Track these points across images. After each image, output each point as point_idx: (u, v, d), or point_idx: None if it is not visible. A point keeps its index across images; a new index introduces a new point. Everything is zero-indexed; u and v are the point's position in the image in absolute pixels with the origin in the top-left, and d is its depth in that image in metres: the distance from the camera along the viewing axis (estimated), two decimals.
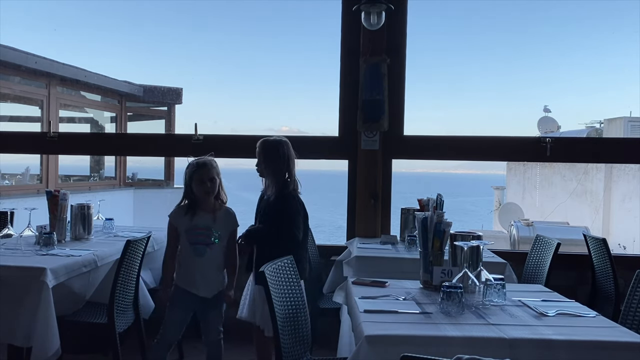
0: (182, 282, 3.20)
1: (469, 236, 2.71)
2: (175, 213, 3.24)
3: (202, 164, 3.21)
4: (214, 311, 3.26)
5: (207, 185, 3.18)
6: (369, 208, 4.48)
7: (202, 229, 3.18)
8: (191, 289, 3.18)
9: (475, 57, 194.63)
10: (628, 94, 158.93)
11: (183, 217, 3.20)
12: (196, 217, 3.19)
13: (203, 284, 3.18)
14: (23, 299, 2.97)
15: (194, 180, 3.18)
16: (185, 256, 3.20)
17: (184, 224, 3.19)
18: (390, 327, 2.11)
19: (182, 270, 3.21)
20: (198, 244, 3.18)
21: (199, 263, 3.17)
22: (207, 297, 3.20)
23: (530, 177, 14.03)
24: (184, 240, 3.19)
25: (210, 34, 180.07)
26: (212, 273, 3.21)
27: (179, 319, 3.21)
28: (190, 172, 3.21)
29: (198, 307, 3.24)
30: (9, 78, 7.85)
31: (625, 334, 2.12)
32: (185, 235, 3.18)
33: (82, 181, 9.94)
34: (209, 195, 3.20)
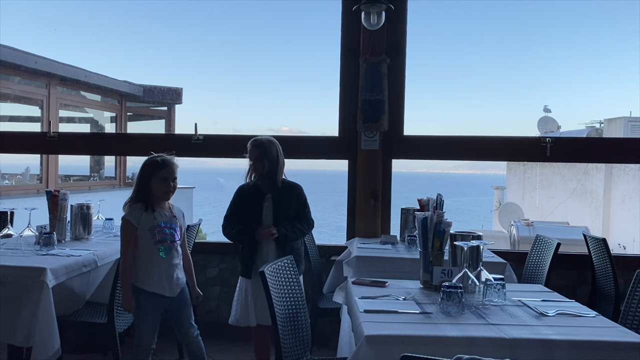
0: (148, 285, 3.01)
1: (469, 236, 2.71)
2: (134, 212, 3.02)
3: (168, 162, 3.06)
4: (185, 309, 3.14)
5: (170, 185, 3.03)
6: (369, 208, 4.48)
7: (167, 227, 3.05)
8: (158, 291, 3.02)
9: (476, 57, 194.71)
10: (628, 94, 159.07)
11: (143, 215, 3.01)
12: (158, 215, 3.03)
13: (168, 283, 3.04)
14: (23, 299, 2.97)
15: (156, 178, 3.01)
16: (148, 257, 3.01)
17: (146, 222, 3.01)
18: (390, 327, 2.11)
19: (146, 272, 3.02)
20: (163, 242, 3.02)
21: (164, 262, 3.03)
22: (172, 296, 3.05)
23: (530, 177, 14.03)
24: (146, 241, 3.00)
25: (210, 34, 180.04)
26: (176, 271, 3.07)
27: (152, 324, 3.06)
28: (152, 169, 3.03)
29: (166, 308, 3.09)
30: (9, 78, 7.85)
31: (625, 334, 2.12)
32: (149, 234, 3.00)
33: (82, 181, 9.95)
34: (169, 196, 3.07)
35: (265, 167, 3.40)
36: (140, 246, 3.02)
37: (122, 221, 3.04)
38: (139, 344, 3.05)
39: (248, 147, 3.46)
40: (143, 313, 3.04)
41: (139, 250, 3.02)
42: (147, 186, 3.03)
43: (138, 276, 3.02)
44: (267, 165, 3.40)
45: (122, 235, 3.04)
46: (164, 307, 3.07)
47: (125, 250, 3.03)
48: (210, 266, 4.65)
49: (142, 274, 3.02)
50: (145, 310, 3.03)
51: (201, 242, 4.95)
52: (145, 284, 3.02)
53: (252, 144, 3.45)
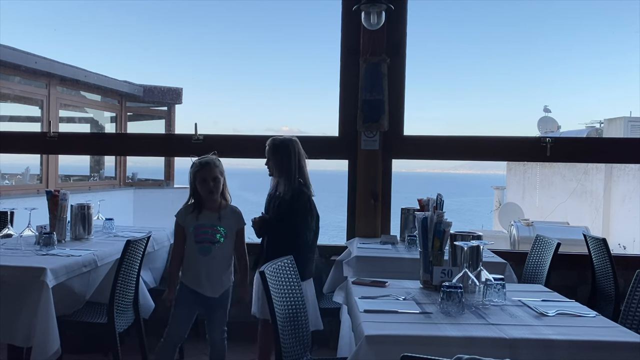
0: (189, 282, 3.20)
1: (469, 236, 2.71)
2: (181, 212, 3.25)
3: (205, 163, 3.22)
4: (220, 311, 3.25)
5: (210, 185, 3.18)
6: (369, 208, 4.48)
7: (208, 227, 3.19)
8: (197, 289, 3.18)
9: (476, 57, 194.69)
10: (628, 94, 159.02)
11: (189, 216, 3.21)
12: (202, 216, 3.20)
13: (209, 284, 3.18)
14: (23, 299, 2.96)
15: (198, 179, 3.19)
16: (191, 255, 3.20)
17: (191, 222, 3.20)
18: (390, 327, 2.11)
19: (188, 269, 3.21)
20: (204, 242, 3.18)
21: (205, 262, 3.17)
22: (213, 296, 3.19)
23: (530, 177, 14.03)
24: (190, 240, 3.19)
25: (210, 34, 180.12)
26: (218, 272, 3.20)
27: (185, 319, 3.22)
28: (194, 171, 3.22)
29: (204, 306, 3.23)
30: (9, 78, 7.85)
31: (625, 334, 2.12)
32: (192, 234, 3.19)
33: (82, 181, 9.94)
34: (212, 195, 3.20)
35: (271, 169, 3.44)
36: (187, 244, 3.22)
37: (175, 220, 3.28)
38: (167, 337, 3.19)
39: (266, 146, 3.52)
40: (178, 305, 3.21)
41: (186, 248, 3.23)
42: (194, 188, 3.22)
43: (184, 271, 3.24)
44: (273, 168, 3.43)
45: (174, 233, 3.31)
46: (202, 304, 3.22)
47: (174, 246, 3.30)
48: None
49: (186, 270, 3.23)
50: (182, 304, 3.21)
51: None
52: (186, 280, 3.22)
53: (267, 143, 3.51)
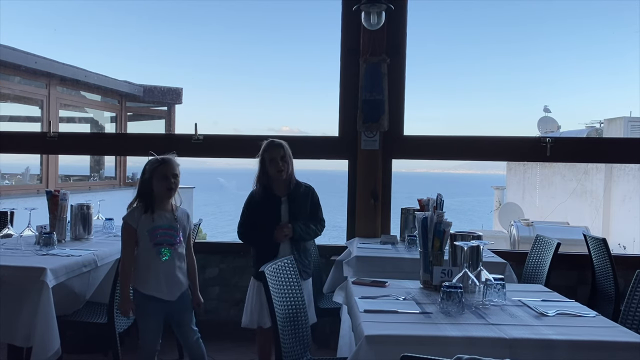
0: (146, 288, 2.99)
1: (469, 236, 2.71)
2: (132, 214, 3.01)
3: (167, 159, 3.06)
4: (186, 312, 3.11)
5: (170, 181, 3.00)
6: (369, 208, 4.48)
7: (166, 229, 3.01)
8: (155, 293, 2.98)
9: (476, 57, 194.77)
10: (628, 94, 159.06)
11: (143, 217, 2.99)
12: (157, 217, 3.00)
13: (167, 287, 3.00)
14: (23, 299, 2.96)
15: (156, 176, 3.00)
16: (148, 259, 2.98)
17: (145, 224, 2.98)
18: (390, 327, 2.11)
19: (144, 275, 2.99)
20: (162, 244, 2.99)
21: (164, 265, 2.99)
22: (171, 299, 3.01)
23: (530, 177, 14.03)
24: (145, 243, 2.98)
25: (210, 34, 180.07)
26: (177, 274, 3.03)
27: (154, 326, 3.04)
28: (152, 167, 3.03)
29: (167, 311, 3.05)
30: (9, 78, 7.85)
31: (625, 334, 2.12)
32: (148, 236, 2.98)
33: (82, 181, 9.95)
34: (171, 192, 3.03)
35: (289, 167, 3.39)
36: (139, 248, 3.01)
37: (122, 223, 3.04)
38: (143, 346, 3.05)
39: (267, 149, 3.39)
40: (143, 315, 3.03)
41: (138, 253, 3.01)
42: (148, 185, 3.02)
43: (137, 278, 3.01)
44: (290, 166, 3.40)
45: (121, 237, 3.05)
46: (164, 310, 3.04)
47: (123, 252, 3.02)
48: (210, 266, 4.65)
49: (141, 277, 3.01)
50: (145, 313, 3.02)
51: (201, 242, 4.96)
52: (143, 287, 3.00)
53: (273, 146, 3.39)
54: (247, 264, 4.61)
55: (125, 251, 3.02)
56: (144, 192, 3.04)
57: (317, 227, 3.48)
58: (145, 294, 3.00)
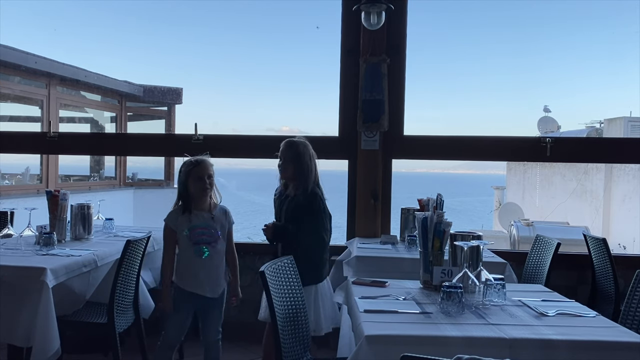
0: (186, 285, 3.17)
1: (469, 236, 2.71)
2: (172, 215, 3.19)
3: (201, 160, 3.19)
4: (216, 311, 3.25)
5: (205, 182, 3.15)
6: (369, 208, 4.48)
7: (204, 228, 3.16)
8: (197, 290, 3.15)
9: (476, 57, 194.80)
10: (628, 94, 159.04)
11: (181, 218, 3.16)
12: (194, 217, 3.16)
13: (209, 284, 3.17)
14: (23, 299, 2.96)
15: (192, 177, 3.15)
16: (188, 257, 3.16)
17: (184, 225, 3.15)
18: (390, 327, 2.11)
19: (185, 272, 3.17)
20: (201, 243, 3.15)
21: (203, 263, 3.15)
22: (214, 297, 3.19)
23: (530, 177, 14.03)
24: (185, 242, 3.15)
25: (211, 34, 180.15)
26: (216, 272, 3.20)
27: (182, 321, 3.20)
28: (187, 169, 3.17)
29: (201, 307, 3.22)
30: (9, 78, 7.85)
31: (625, 334, 2.12)
32: (187, 235, 3.14)
33: (82, 181, 9.95)
34: (206, 193, 3.17)
35: (289, 171, 3.38)
36: (180, 248, 3.17)
37: (163, 225, 3.21)
38: (166, 340, 3.17)
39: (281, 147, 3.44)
40: (178, 311, 3.17)
41: (179, 252, 3.18)
42: (185, 187, 3.16)
43: (178, 275, 3.18)
44: (291, 171, 3.37)
45: (163, 238, 3.23)
46: (199, 306, 3.20)
47: (165, 253, 3.21)
48: None
49: (183, 274, 3.17)
50: (179, 307, 3.17)
51: None
52: (183, 283, 3.17)
53: (282, 146, 3.42)
54: (246, 264, 4.61)
55: (166, 252, 3.20)
56: (182, 194, 3.18)
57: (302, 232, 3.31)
58: (185, 290, 3.15)
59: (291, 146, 3.41)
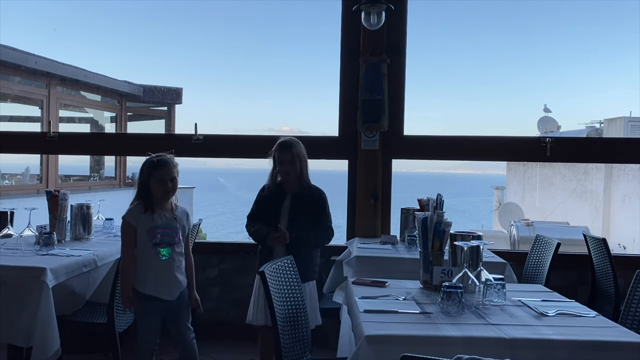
0: (146, 288, 2.98)
1: (469, 236, 2.71)
2: (132, 212, 2.98)
3: (164, 162, 3.00)
4: (184, 311, 3.11)
5: (168, 185, 2.98)
6: (369, 208, 4.48)
7: (166, 228, 2.99)
8: (157, 294, 2.97)
9: (476, 57, 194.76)
10: (628, 94, 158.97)
11: (142, 216, 2.97)
12: (156, 217, 2.98)
13: (168, 287, 2.99)
14: (23, 299, 2.96)
15: (154, 179, 2.97)
16: (146, 259, 2.97)
17: (145, 223, 2.96)
18: (390, 327, 2.11)
19: (144, 275, 2.98)
20: (161, 244, 2.97)
21: (163, 265, 2.97)
22: (171, 299, 3.01)
23: (530, 177, 14.03)
24: (145, 242, 2.96)
25: (211, 34, 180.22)
26: (176, 274, 3.03)
27: (152, 327, 3.03)
28: (149, 170, 2.99)
29: (165, 311, 3.04)
30: (9, 78, 7.85)
31: (625, 334, 2.12)
32: (147, 235, 2.96)
33: (82, 181, 9.95)
34: (168, 196, 3.01)
35: (297, 170, 3.38)
36: (138, 248, 2.99)
37: (122, 221, 3.03)
38: (140, 346, 3.04)
39: (276, 150, 3.41)
40: (142, 315, 3.03)
41: (138, 253, 3.00)
42: (146, 186, 3.00)
43: (137, 278, 3.00)
44: (299, 168, 3.38)
45: (121, 236, 3.04)
46: (162, 309, 3.04)
47: (124, 250, 3.02)
48: (210, 266, 4.65)
49: (140, 277, 3.00)
50: (144, 313, 3.02)
51: (201, 242, 4.95)
52: (142, 287, 3.00)
53: (282, 148, 3.39)
54: (246, 264, 4.61)
55: (125, 250, 3.00)
56: (143, 193, 3.01)
57: (319, 234, 3.40)
58: (145, 294, 2.99)
59: (292, 146, 3.40)
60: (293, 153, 3.37)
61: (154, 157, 3.05)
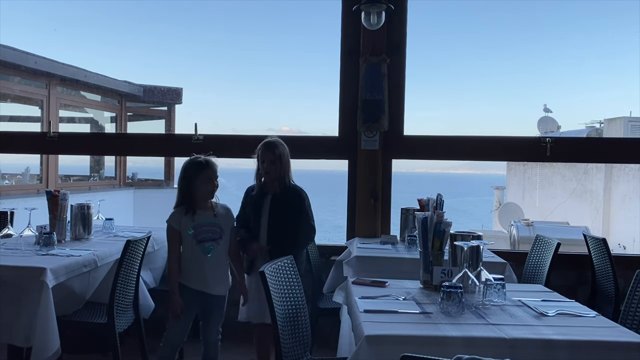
0: (193, 283, 3.16)
1: (469, 236, 2.71)
2: (174, 216, 3.17)
3: (212, 162, 3.18)
4: (218, 311, 3.25)
5: (215, 184, 3.17)
6: (369, 208, 4.48)
7: (208, 225, 3.16)
8: (204, 289, 3.15)
9: (476, 57, 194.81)
10: (628, 94, 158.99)
11: (184, 218, 3.15)
12: (197, 216, 3.16)
13: (215, 282, 3.17)
14: (23, 299, 2.96)
15: (201, 178, 3.14)
16: (194, 256, 3.15)
17: (187, 224, 3.14)
18: (390, 327, 2.11)
19: (191, 271, 3.15)
20: (206, 241, 3.15)
21: (209, 261, 3.15)
22: (220, 294, 3.21)
23: (530, 177, 14.03)
24: (190, 241, 3.14)
25: (211, 34, 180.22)
26: (221, 270, 3.22)
27: (185, 321, 3.18)
28: (197, 170, 3.14)
29: (205, 306, 3.21)
30: (9, 78, 7.85)
31: (625, 334, 2.12)
32: (191, 235, 3.14)
33: (82, 181, 9.94)
34: (213, 195, 3.19)
35: (277, 170, 3.40)
36: (184, 247, 3.16)
37: (166, 226, 3.20)
38: (169, 342, 3.16)
39: (260, 149, 3.43)
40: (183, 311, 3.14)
41: (184, 251, 3.17)
42: (191, 187, 3.13)
43: (184, 274, 3.16)
44: (279, 169, 3.40)
45: (167, 240, 3.21)
46: (202, 305, 3.19)
47: (170, 254, 3.20)
48: None
49: (188, 273, 3.16)
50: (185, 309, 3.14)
51: None
52: (189, 282, 3.16)
53: (265, 147, 3.41)
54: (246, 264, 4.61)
55: (171, 253, 3.18)
56: (186, 193, 3.15)
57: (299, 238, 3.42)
58: (191, 288, 3.14)
59: (276, 146, 3.41)
60: (275, 153, 3.39)
61: (200, 157, 3.20)
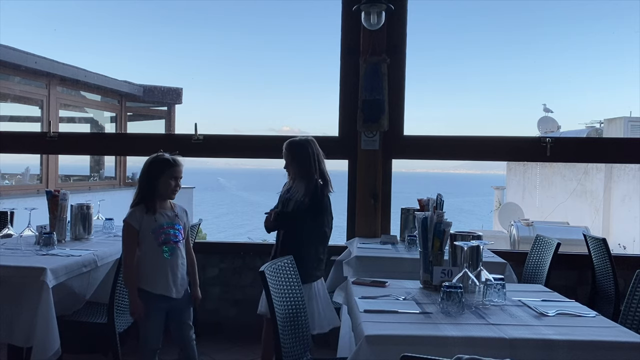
0: (154, 288, 2.98)
1: (469, 236, 2.71)
2: (135, 214, 2.98)
3: (179, 161, 3.05)
4: (188, 310, 3.13)
5: (179, 184, 3.04)
6: (369, 208, 4.48)
7: (169, 227, 3.02)
8: (165, 293, 2.98)
9: (476, 57, 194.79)
10: (628, 94, 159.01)
11: (144, 217, 2.98)
12: (159, 216, 3.00)
13: (175, 285, 3.01)
14: (23, 299, 2.97)
15: (166, 176, 2.99)
16: (154, 259, 2.98)
17: (148, 224, 2.97)
18: (390, 327, 2.11)
19: (152, 274, 2.98)
20: (168, 243, 3.00)
21: (170, 263, 2.99)
22: (178, 297, 3.03)
23: (530, 177, 14.02)
24: (150, 242, 2.97)
25: (211, 34, 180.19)
26: (182, 271, 3.06)
27: (157, 325, 3.04)
28: (162, 167, 3.00)
29: (170, 309, 3.05)
30: (9, 78, 7.85)
31: (625, 334, 2.12)
32: (152, 235, 2.97)
33: (82, 181, 9.95)
34: (174, 194, 3.06)
35: (291, 172, 3.47)
36: (143, 248, 2.99)
37: (123, 224, 3.02)
38: (145, 346, 3.04)
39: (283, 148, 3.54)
40: (149, 315, 3.01)
41: (143, 253, 2.99)
42: (154, 184, 3.00)
43: (144, 279, 2.99)
44: (292, 171, 3.46)
45: (123, 239, 3.02)
46: (168, 308, 3.05)
47: (126, 254, 3.00)
48: (210, 266, 4.65)
49: (148, 277, 2.99)
50: (151, 313, 3.01)
51: (201, 242, 4.96)
52: (152, 286, 2.99)
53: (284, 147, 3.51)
54: (246, 264, 4.62)
55: (127, 253, 2.99)
56: (148, 190, 3.01)
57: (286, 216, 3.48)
58: (153, 293, 2.99)
59: (288, 148, 3.48)
60: (287, 155, 3.49)
61: (166, 155, 3.06)
